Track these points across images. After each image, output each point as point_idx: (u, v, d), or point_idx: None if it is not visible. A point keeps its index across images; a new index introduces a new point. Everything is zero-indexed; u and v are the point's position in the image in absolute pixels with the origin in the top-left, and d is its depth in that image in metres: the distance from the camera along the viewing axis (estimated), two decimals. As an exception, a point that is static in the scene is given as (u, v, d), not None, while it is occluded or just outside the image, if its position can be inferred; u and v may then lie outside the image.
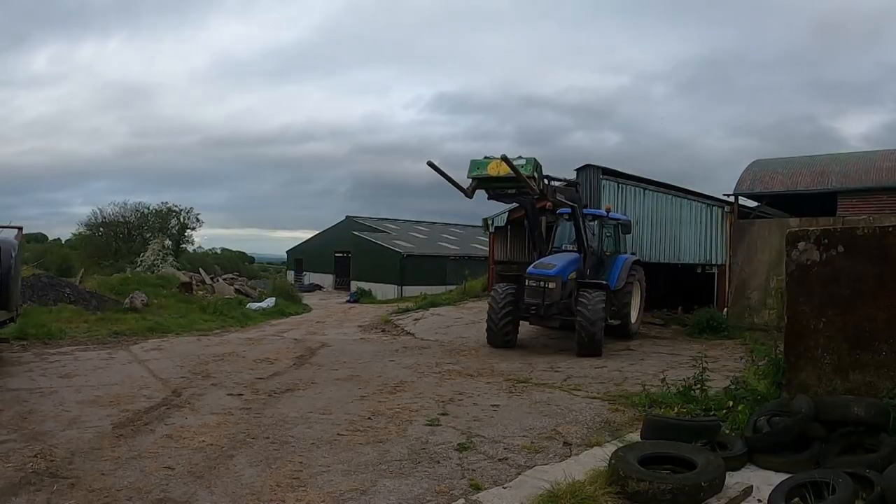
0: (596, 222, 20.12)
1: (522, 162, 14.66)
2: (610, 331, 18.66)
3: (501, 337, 18.04)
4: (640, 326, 22.41)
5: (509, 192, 15.54)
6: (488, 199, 16.07)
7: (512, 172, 14.32)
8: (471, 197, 15.40)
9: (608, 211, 20.50)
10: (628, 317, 19.62)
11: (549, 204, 17.66)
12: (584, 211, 19.60)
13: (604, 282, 18.40)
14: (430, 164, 15.17)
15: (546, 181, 16.09)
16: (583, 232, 18.28)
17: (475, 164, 14.98)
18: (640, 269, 21.21)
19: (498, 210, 32.14)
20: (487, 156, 14.88)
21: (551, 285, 17.28)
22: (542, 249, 19.31)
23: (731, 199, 24.24)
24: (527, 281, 17.80)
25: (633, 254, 21.71)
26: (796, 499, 6.34)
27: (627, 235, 22.47)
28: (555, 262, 18.02)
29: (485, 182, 15.10)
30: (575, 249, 18.87)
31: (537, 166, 15.09)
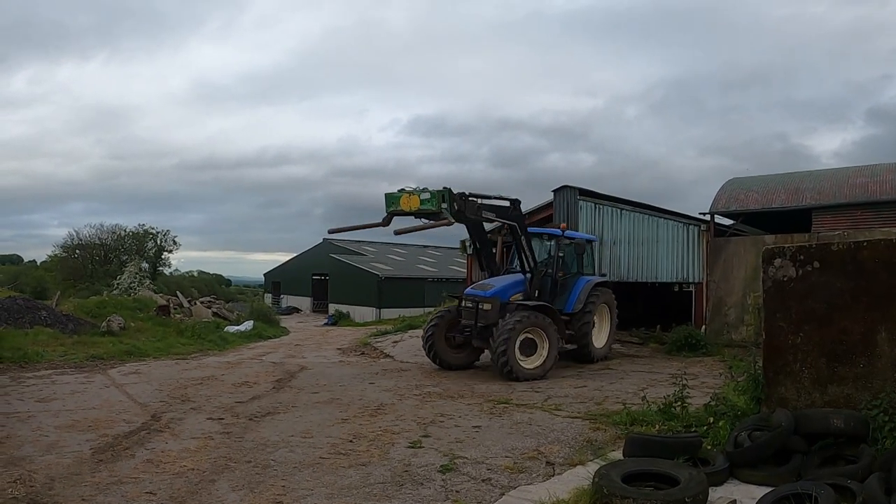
0: (553, 242, 19.08)
1: (427, 196, 14.95)
2: (572, 355, 18.80)
3: (431, 357, 18.00)
4: (619, 347, 22.47)
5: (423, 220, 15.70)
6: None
7: (421, 206, 14.98)
8: (387, 225, 15.87)
9: (563, 230, 19.23)
10: (587, 340, 18.79)
11: (448, 221, 15.69)
12: (537, 230, 19.50)
13: (543, 303, 17.27)
14: (332, 231, 16.58)
15: (476, 200, 16.04)
16: (525, 252, 17.59)
17: (390, 199, 15.45)
18: (608, 292, 20.09)
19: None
20: (402, 188, 15.31)
21: (486, 306, 16.91)
22: (495, 270, 18.53)
23: (707, 217, 24.40)
24: (463, 302, 17.72)
25: (602, 275, 21.12)
26: (779, 511, 6.39)
27: (614, 255, 22.65)
28: (495, 283, 17.60)
29: (401, 215, 15.56)
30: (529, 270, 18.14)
31: (445, 196, 14.97)
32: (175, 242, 66.99)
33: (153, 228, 65.69)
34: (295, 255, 68.15)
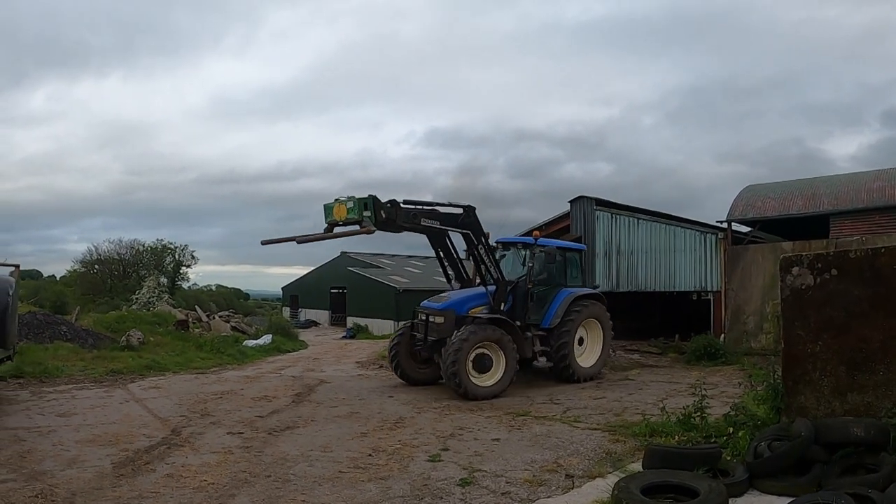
0: (527, 251, 17.85)
1: (351, 205, 14.72)
2: (553, 374, 17.59)
3: (396, 372, 17.37)
4: (637, 357, 22.36)
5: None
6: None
7: (347, 215, 14.76)
8: (331, 233, 15.40)
9: (536, 237, 17.93)
10: (567, 358, 17.23)
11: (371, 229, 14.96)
12: (510, 239, 18.94)
13: (499, 316, 16.19)
14: (265, 242, 15.85)
15: (413, 207, 15.54)
16: (484, 262, 16.54)
17: (327, 210, 15.23)
18: (596, 305, 18.56)
19: (492, 243, 32.16)
20: (338, 197, 15.08)
21: (438, 319, 16.19)
22: (465, 281, 17.56)
23: (725, 225, 24.33)
24: (419, 315, 17.12)
25: (595, 286, 20.14)
26: (799, 522, 6.36)
27: (632, 265, 22.33)
28: (454, 295, 16.97)
29: (336, 225, 15.23)
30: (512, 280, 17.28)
31: (367, 204, 14.65)
32: (193, 257, 67.33)
33: (171, 243, 66.08)
34: (313, 268, 68.26)
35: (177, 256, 64.68)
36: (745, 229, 25.41)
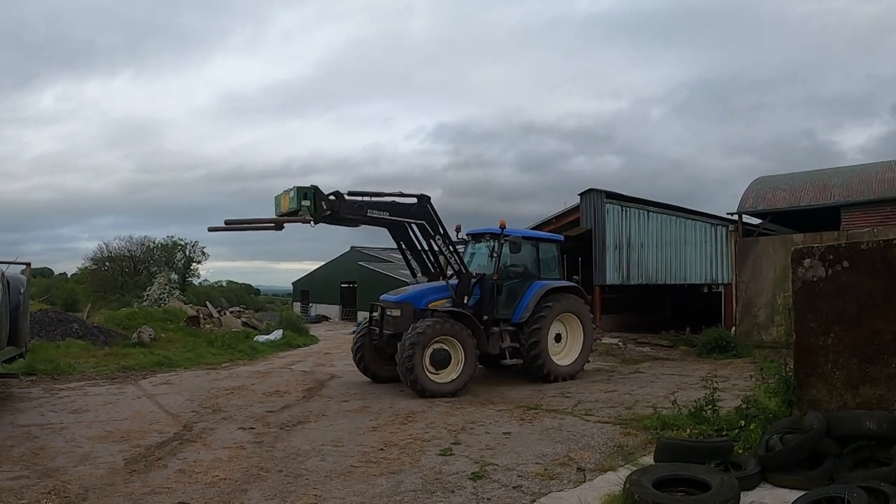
0: (494, 242, 16.92)
1: (293, 194, 14.38)
2: (526, 373, 16.84)
3: (361, 369, 16.82)
4: (648, 350, 22.30)
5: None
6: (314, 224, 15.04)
7: (290, 206, 14.45)
8: (280, 228, 15.06)
9: (503, 226, 16.73)
10: (540, 356, 16.36)
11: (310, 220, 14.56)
12: (478, 230, 17.95)
13: (458, 310, 15.49)
14: (212, 229, 15.11)
15: (359, 199, 14.86)
16: (443, 253, 15.84)
17: (277, 200, 15.02)
18: (574, 299, 17.60)
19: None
20: (287, 189, 14.73)
21: (394, 313, 15.51)
22: (432, 274, 16.42)
23: (735, 217, 24.29)
24: (378, 309, 16.43)
25: (575, 278, 18.92)
26: (812, 516, 6.34)
27: (642, 257, 22.11)
28: (414, 288, 16.54)
29: (285, 216, 14.88)
30: (487, 274, 16.56)
31: (307, 194, 14.27)
32: (204, 253, 67.38)
33: (182, 240, 66.06)
34: (323, 263, 68.23)
35: (187, 253, 64.78)
36: (755, 221, 25.37)
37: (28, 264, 15.95)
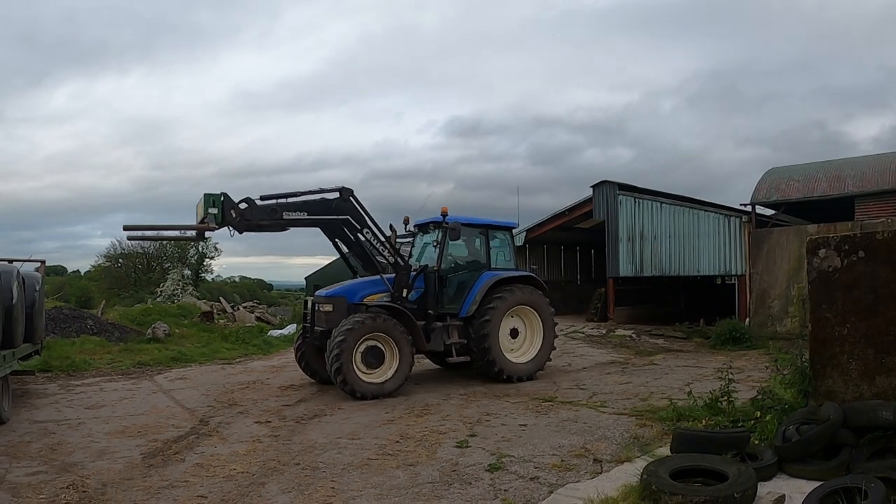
0: (437, 232, 15.85)
1: (200, 201, 13.81)
2: (481, 371, 15.56)
3: (303, 369, 15.82)
4: (662, 342, 22.21)
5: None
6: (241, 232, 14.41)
7: (203, 213, 13.75)
8: (202, 239, 14.71)
9: (444, 213, 15.52)
10: (490, 352, 15.12)
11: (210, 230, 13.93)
12: (422, 221, 16.70)
13: (391, 304, 14.62)
14: (127, 228, 14.13)
15: (273, 202, 14.12)
16: (372, 246, 14.97)
17: (196, 208, 14.24)
18: (531, 290, 16.26)
19: (516, 230, 32.37)
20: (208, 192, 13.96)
21: (327, 308, 14.61)
22: (376, 269, 15.17)
23: (748, 208, 24.24)
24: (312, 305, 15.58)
25: (533, 268, 18.00)
26: (829, 505, 6.32)
27: (655, 249, 21.91)
28: (351, 282, 15.60)
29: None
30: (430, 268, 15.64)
31: (217, 202, 13.58)
32: (217, 249, 67.25)
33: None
34: (335, 257, 68.07)
35: (200, 249, 64.80)
36: (769, 212, 25.31)
37: (42, 262, 16.05)
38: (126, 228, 13.88)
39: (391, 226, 15.78)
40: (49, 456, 9.43)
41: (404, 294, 14.90)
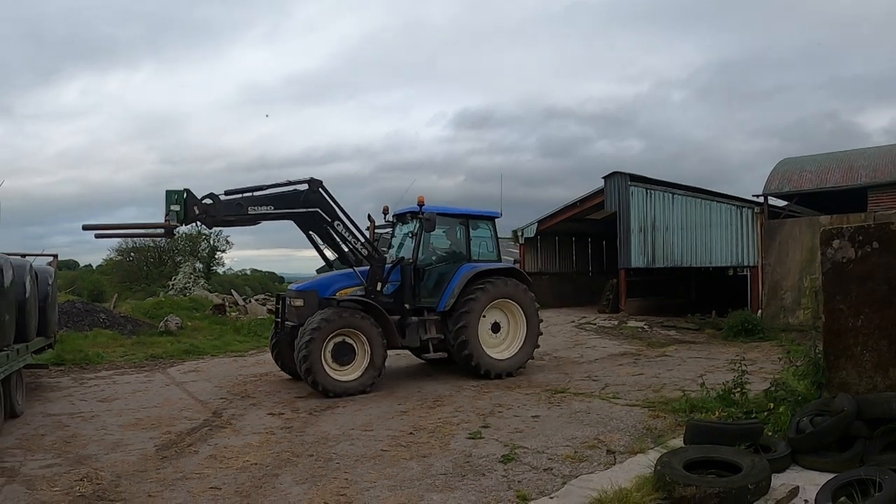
0: (414, 222, 15.42)
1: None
2: (463, 367, 15.00)
3: (279, 365, 15.31)
4: (674, 333, 22.15)
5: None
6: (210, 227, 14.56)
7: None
8: (171, 236, 14.15)
9: (421, 203, 14.75)
10: (468, 346, 14.54)
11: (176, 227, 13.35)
12: (400, 211, 16.19)
13: (363, 298, 14.06)
14: (86, 227, 13.21)
15: (238, 196, 13.41)
16: (345, 239, 14.23)
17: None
18: (514, 282, 15.67)
19: (527, 221, 32.38)
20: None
21: (298, 303, 14.19)
22: (351, 262, 14.64)
23: (761, 199, 24.16)
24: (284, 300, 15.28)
25: (515, 261, 17.88)
26: (843, 497, 6.29)
27: (667, 240, 21.83)
28: (324, 276, 15.42)
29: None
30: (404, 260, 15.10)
31: (180, 199, 12.94)
32: (228, 242, 67.27)
33: (206, 230, 66.09)
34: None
35: (211, 242, 64.78)
36: (781, 203, 25.22)
37: (55, 256, 16.12)
38: (86, 228, 13.21)
39: (369, 216, 15.36)
40: (63, 448, 9.47)
41: (379, 287, 14.43)
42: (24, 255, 13.60)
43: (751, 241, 23.85)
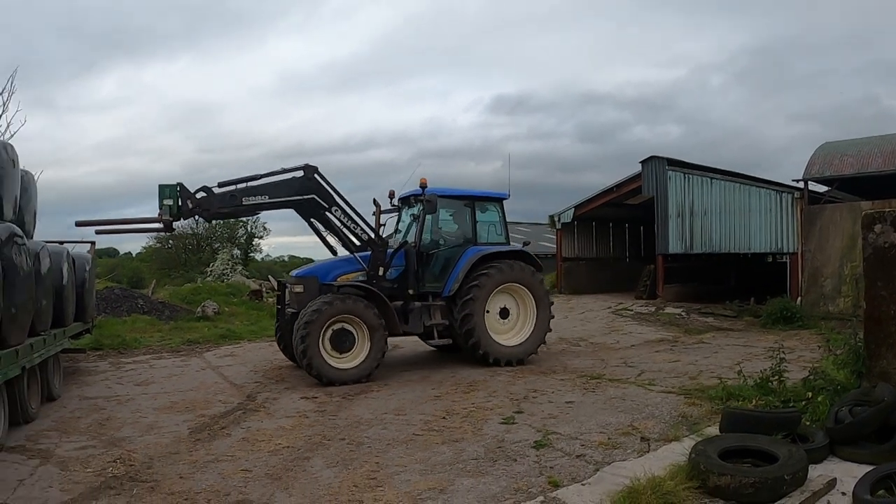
0: (418, 205, 14.89)
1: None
2: (468, 354, 14.74)
3: (284, 352, 15.04)
4: (712, 320, 21.90)
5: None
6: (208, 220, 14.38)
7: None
8: (170, 230, 14.04)
9: (423, 186, 14.40)
10: (473, 335, 14.25)
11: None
12: (404, 194, 15.74)
13: (363, 284, 13.79)
14: (79, 223, 13.18)
15: (231, 188, 13.23)
16: (345, 226, 13.97)
17: None
18: (523, 266, 15.16)
19: (565, 206, 32.21)
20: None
21: (298, 289, 13.87)
22: (353, 248, 14.16)
23: (801, 184, 23.80)
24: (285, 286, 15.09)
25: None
26: (881, 490, 6.15)
27: (705, 225, 21.59)
28: (326, 262, 14.93)
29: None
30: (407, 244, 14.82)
31: (173, 193, 12.89)
32: (265, 229, 67.55)
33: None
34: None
35: (249, 229, 65.11)
36: (821, 189, 24.84)
37: (93, 243, 16.22)
38: (79, 224, 13.18)
39: (375, 200, 14.99)
40: (98, 431, 9.56)
41: (381, 273, 14.11)
42: (62, 243, 13.68)
43: (790, 227, 23.53)
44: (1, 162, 9.38)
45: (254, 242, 65.94)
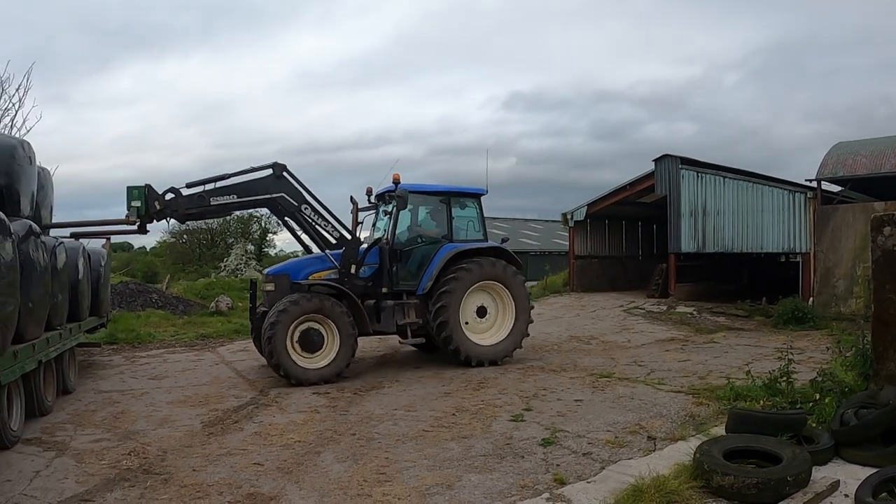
0: (393, 202, 14.38)
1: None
2: (446, 354, 14.56)
3: (257, 347, 14.57)
4: (723, 320, 21.89)
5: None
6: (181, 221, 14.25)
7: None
8: (144, 232, 13.60)
9: (396, 181, 13.98)
10: (449, 332, 13.98)
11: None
12: (380, 190, 15.40)
13: (331, 282, 13.54)
14: (52, 225, 12.89)
15: (200, 189, 13.17)
16: (317, 223, 13.88)
17: None
18: (500, 264, 14.79)
19: (578, 204, 32.22)
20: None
21: (269, 287, 13.70)
22: (332, 246, 14.01)
23: (814, 184, 23.76)
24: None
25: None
26: (884, 493, 6.19)
27: (718, 225, 21.57)
28: (298, 259, 14.90)
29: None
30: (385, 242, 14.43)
31: (140, 194, 12.77)
32: (279, 224, 68.05)
33: (257, 211, 66.57)
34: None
35: (263, 224, 65.37)
36: (835, 189, 24.80)
37: (108, 238, 16.34)
38: (52, 227, 12.92)
39: (351, 197, 14.85)
40: (112, 424, 9.70)
41: (353, 270, 13.83)
42: (77, 237, 13.79)
43: (803, 227, 23.49)
44: (18, 159, 9.54)
45: (268, 237, 66.20)
